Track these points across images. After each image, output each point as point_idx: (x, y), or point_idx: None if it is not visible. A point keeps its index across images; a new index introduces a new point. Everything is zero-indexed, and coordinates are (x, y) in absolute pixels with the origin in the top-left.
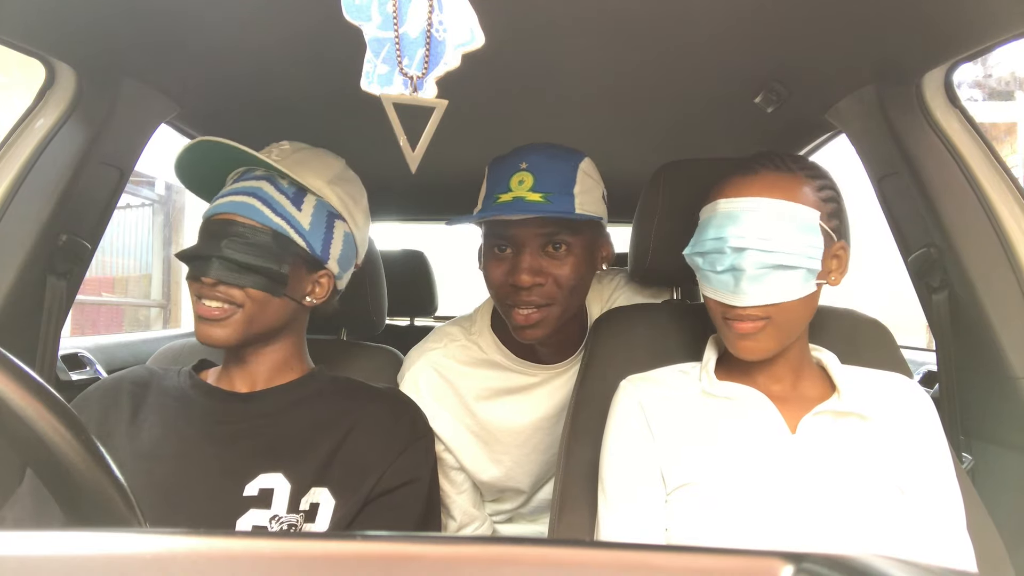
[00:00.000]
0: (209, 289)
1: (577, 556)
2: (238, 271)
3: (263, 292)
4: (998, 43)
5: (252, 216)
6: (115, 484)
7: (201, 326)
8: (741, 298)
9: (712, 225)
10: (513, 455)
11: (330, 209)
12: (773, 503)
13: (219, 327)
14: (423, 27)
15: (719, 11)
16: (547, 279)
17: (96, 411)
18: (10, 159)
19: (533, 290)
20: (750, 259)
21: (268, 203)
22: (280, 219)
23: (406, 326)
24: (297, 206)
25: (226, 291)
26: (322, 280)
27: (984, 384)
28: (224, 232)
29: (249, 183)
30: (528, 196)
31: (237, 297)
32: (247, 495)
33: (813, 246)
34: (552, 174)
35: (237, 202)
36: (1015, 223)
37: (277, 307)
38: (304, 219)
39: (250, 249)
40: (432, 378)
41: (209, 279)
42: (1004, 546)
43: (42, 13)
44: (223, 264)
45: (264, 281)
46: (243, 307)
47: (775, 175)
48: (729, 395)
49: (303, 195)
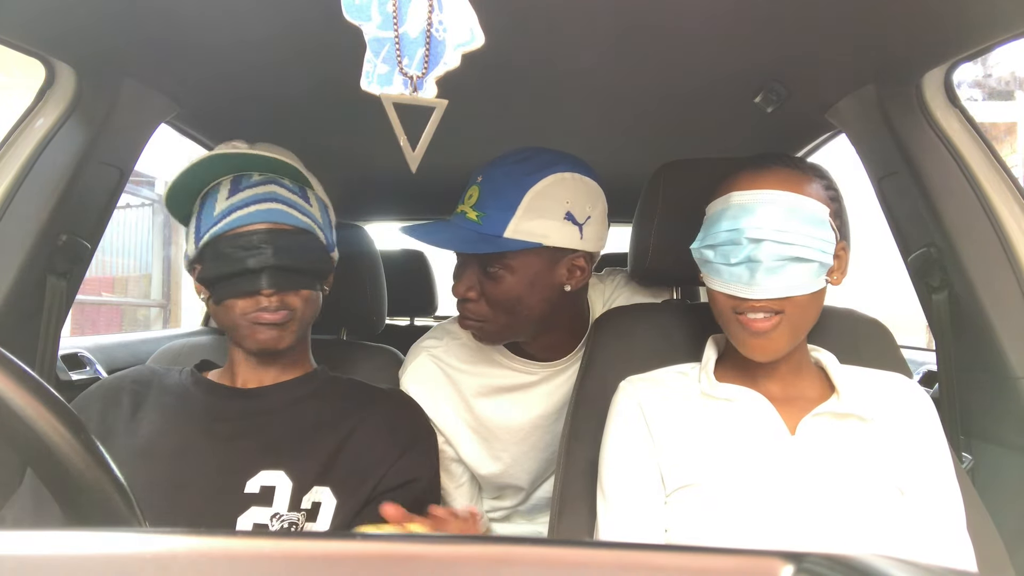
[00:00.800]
0: (268, 300)
1: (577, 556)
2: (291, 276)
3: (312, 292)
4: (998, 43)
5: (284, 220)
6: (115, 484)
7: (263, 333)
8: (756, 290)
9: (726, 217)
10: (512, 452)
11: (321, 199)
12: (772, 504)
13: (285, 332)
14: (423, 27)
15: (719, 11)
16: (480, 298)
17: (97, 410)
18: (10, 159)
19: (467, 304)
20: (767, 250)
21: (291, 205)
22: (306, 218)
23: (406, 326)
24: (307, 201)
25: (282, 298)
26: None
27: (984, 384)
28: (260, 242)
29: (259, 190)
30: (469, 212)
31: (294, 302)
32: (248, 492)
33: (826, 240)
34: (496, 192)
35: (263, 210)
36: (1015, 223)
37: (317, 302)
38: (316, 213)
39: (295, 253)
40: (434, 372)
41: (268, 290)
42: (1004, 546)
43: (42, 13)
44: (277, 273)
45: (313, 280)
46: (297, 310)
47: (787, 171)
48: (728, 397)
49: (305, 190)
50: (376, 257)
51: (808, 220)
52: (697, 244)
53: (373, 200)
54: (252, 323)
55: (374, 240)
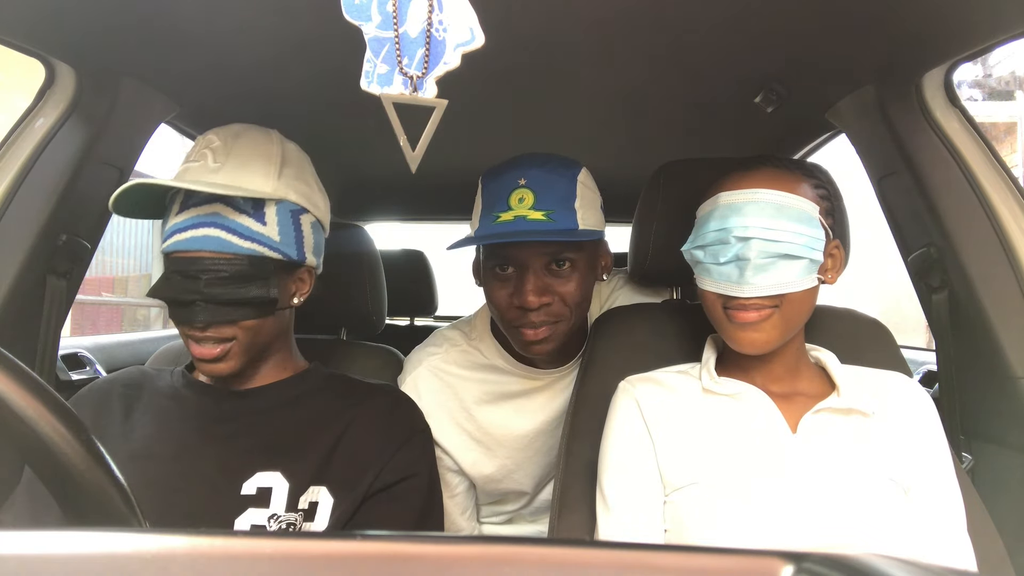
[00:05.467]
0: (200, 332)
1: (577, 556)
2: (225, 308)
3: (256, 320)
4: (998, 43)
5: (222, 249)
6: (115, 484)
7: (203, 365)
8: (746, 288)
9: (714, 217)
10: (515, 459)
11: (291, 207)
12: (773, 502)
13: (221, 364)
14: (423, 27)
15: (719, 11)
16: (553, 298)
17: (88, 413)
18: (10, 159)
19: (541, 310)
20: (755, 248)
21: (233, 230)
22: (251, 243)
23: (406, 326)
24: (261, 220)
25: (218, 331)
26: (303, 276)
27: (984, 384)
28: (198, 271)
29: (202, 211)
30: (530, 215)
31: (229, 333)
32: (245, 494)
33: (815, 237)
34: (552, 190)
35: (199, 237)
36: (1015, 223)
37: (271, 324)
38: (271, 231)
39: (231, 283)
40: (432, 383)
41: (199, 323)
42: (1004, 546)
43: (42, 13)
44: (208, 307)
45: (254, 311)
46: (236, 339)
47: (774, 170)
48: (730, 392)
49: (262, 205)
50: (376, 257)
51: (796, 218)
52: (688, 245)
53: (373, 200)
54: (194, 356)
55: (374, 240)
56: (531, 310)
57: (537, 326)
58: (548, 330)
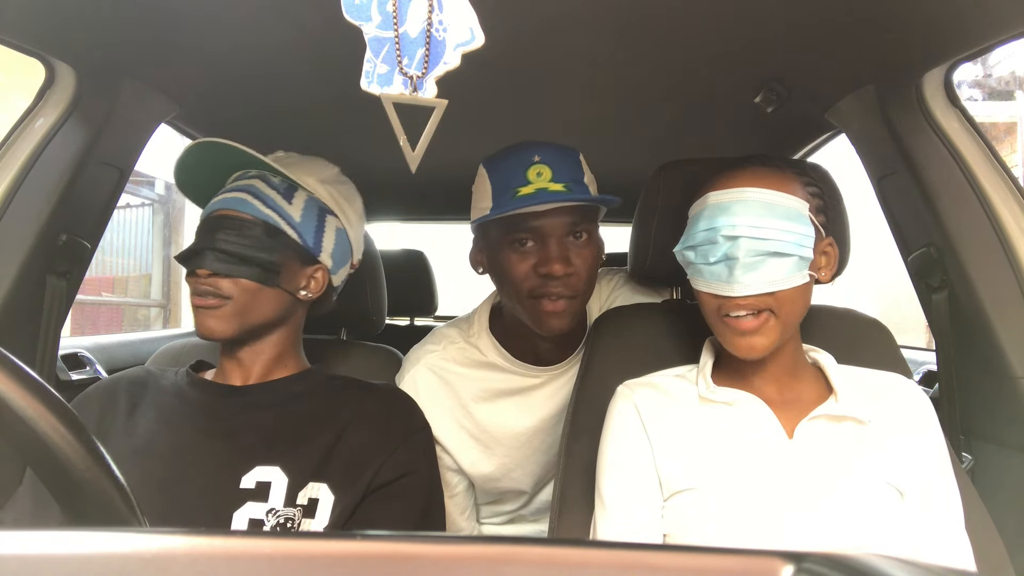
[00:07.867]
0: (202, 281)
1: (577, 556)
2: (230, 262)
3: (255, 283)
4: (998, 43)
5: (244, 209)
6: (115, 484)
7: (198, 317)
8: (736, 287)
9: (703, 218)
10: (514, 457)
11: (321, 204)
12: (770, 509)
13: (212, 318)
14: (423, 27)
15: (719, 11)
16: (574, 267)
17: (94, 411)
18: (10, 159)
19: (562, 280)
20: (744, 247)
21: (259, 197)
22: (271, 211)
23: (406, 326)
24: (288, 199)
25: (216, 283)
26: (317, 275)
27: (984, 384)
28: (218, 226)
29: (244, 182)
30: (551, 187)
31: (226, 288)
32: (244, 488)
33: (804, 234)
34: (566, 165)
35: (230, 198)
36: (1015, 223)
37: (270, 298)
38: (295, 211)
39: (241, 240)
40: (430, 380)
41: (203, 271)
42: (1004, 546)
43: (42, 13)
44: (215, 256)
45: (255, 271)
46: (232, 299)
47: (762, 169)
48: (727, 400)
49: (294, 190)
50: (376, 257)
51: (784, 216)
52: (679, 247)
53: (373, 200)
54: (193, 308)
55: (374, 240)
56: (555, 278)
57: (556, 298)
58: (565, 304)
